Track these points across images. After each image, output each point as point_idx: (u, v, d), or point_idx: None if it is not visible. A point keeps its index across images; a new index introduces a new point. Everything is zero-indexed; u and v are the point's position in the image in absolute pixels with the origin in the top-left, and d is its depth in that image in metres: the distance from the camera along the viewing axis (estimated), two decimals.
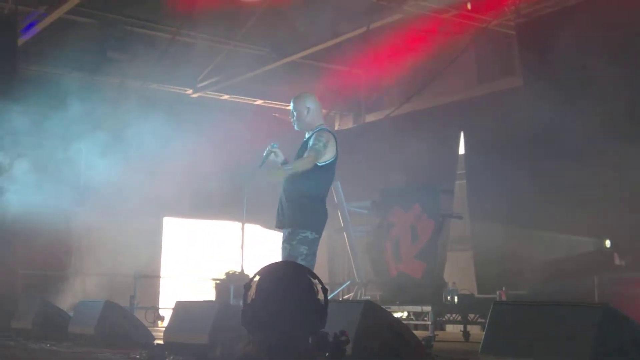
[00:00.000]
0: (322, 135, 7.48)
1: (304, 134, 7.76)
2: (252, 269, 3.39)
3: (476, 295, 13.84)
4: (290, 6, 14.38)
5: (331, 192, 17.76)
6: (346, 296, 16.37)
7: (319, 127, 7.62)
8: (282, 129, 8.47)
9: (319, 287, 3.47)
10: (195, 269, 17.88)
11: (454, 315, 13.33)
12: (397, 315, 12.88)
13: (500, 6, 14.08)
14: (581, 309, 4.80)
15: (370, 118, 19.14)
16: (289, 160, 7.70)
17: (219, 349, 6.94)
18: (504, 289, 12.51)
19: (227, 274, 13.25)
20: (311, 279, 3.48)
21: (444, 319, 13.53)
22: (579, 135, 11.73)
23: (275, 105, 18.81)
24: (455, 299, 13.07)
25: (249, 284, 3.48)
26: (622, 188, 11.58)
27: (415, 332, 7.22)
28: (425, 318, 13.01)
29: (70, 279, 14.60)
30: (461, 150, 15.58)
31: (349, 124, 19.75)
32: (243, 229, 16.86)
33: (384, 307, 7.38)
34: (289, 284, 3.43)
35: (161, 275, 17.80)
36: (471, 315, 12.93)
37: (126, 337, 8.79)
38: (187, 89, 17.78)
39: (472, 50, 15.71)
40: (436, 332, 12.35)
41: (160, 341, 8.39)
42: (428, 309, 12.72)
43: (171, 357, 7.04)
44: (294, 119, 7.74)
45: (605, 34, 11.76)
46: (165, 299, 17.27)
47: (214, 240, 18.27)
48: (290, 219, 7.45)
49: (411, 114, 16.61)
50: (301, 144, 7.73)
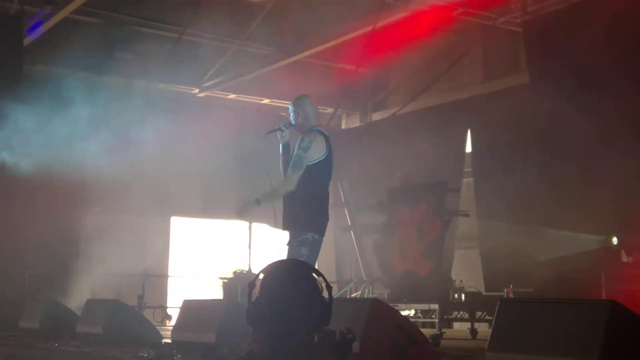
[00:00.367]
0: (307, 136, 7.52)
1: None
2: (260, 268, 3.40)
3: (483, 293, 13.85)
4: (296, 5, 14.39)
5: (338, 191, 17.84)
6: (353, 294, 16.36)
7: (308, 129, 7.65)
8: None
9: (324, 285, 3.47)
10: (202, 268, 17.89)
11: (461, 313, 13.33)
12: (405, 313, 12.89)
13: (507, 4, 14.08)
14: (588, 306, 4.79)
15: (376, 117, 19.13)
16: (291, 145, 7.73)
17: (226, 347, 6.95)
18: (511, 286, 12.50)
19: (235, 273, 13.22)
20: (316, 276, 3.48)
21: (451, 316, 13.54)
22: (585, 133, 11.73)
23: (281, 104, 18.78)
24: (463, 296, 13.08)
25: (253, 282, 3.49)
26: (630, 185, 11.56)
27: (423, 330, 7.22)
28: (433, 316, 13.03)
29: (78, 278, 14.58)
30: (468, 148, 15.58)
31: (355, 122, 19.74)
32: (250, 228, 16.82)
33: (391, 305, 7.38)
34: (294, 281, 3.43)
35: (169, 274, 17.81)
36: (478, 313, 12.93)
37: (134, 336, 8.81)
38: (194, 88, 17.78)
39: (479, 48, 15.70)
40: (443, 330, 12.36)
41: (168, 340, 8.42)
42: (435, 306, 12.74)
43: (179, 356, 7.06)
44: (294, 122, 7.79)
45: (611, 31, 11.74)
46: (173, 298, 17.28)
47: (221, 240, 18.26)
48: (290, 221, 7.48)
49: (418, 113, 16.60)
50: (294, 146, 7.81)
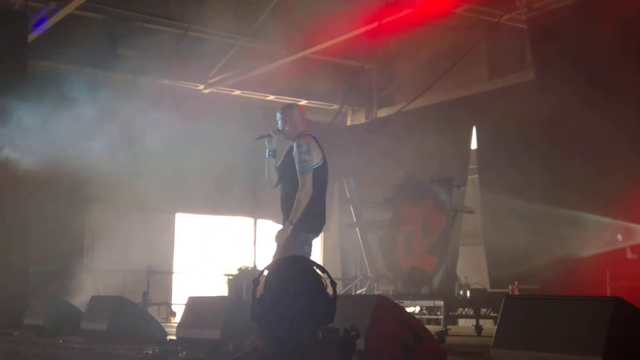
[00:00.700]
0: (303, 140, 7.76)
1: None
2: (265, 265, 3.41)
3: (488, 289, 13.85)
4: (301, 1, 14.37)
5: (343, 188, 17.85)
6: (358, 291, 16.36)
7: (300, 133, 7.87)
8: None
9: (328, 282, 3.47)
10: (207, 265, 17.89)
11: (466, 309, 13.33)
12: (410, 310, 12.89)
13: (512, 0, 14.04)
14: (593, 303, 4.78)
15: (382, 113, 19.11)
16: (278, 151, 8.01)
17: (231, 344, 6.94)
18: (516, 283, 12.50)
19: (240, 270, 13.23)
20: (320, 273, 3.48)
21: (456, 313, 13.53)
22: (591, 130, 11.71)
23: (287, 101, 18.77)
24: (468, 293, 13.08)
25: (257, 279, 3.49)
26: (635, 182, 11.54)
27: (428, 327, 7.22)
28: (438, 312, 13.02)
29: (82, 275, 14.60)
30: (473, 145, 15.56)
31: (360, 119, 19.72)
32: (255, 224, 16.88)
33: (396, 302, 7.38)
34: (298, 278, 3.43)
35: (174, 271, 17.81)
36: (483, 310, 12.93)
37: (139, 333, 8.80)
38: (199, 84, 17.77)
39: (484, 45, 15.66)
40: (448, 327, 12.36)
41: (173, 337, 8.41)
42: (440, 303, 12.74)
43: (184, 353, 7.05)
44: (283, 131, 8.01)
45: (617, 27, 11.70)
46: (178, 295, 17.28)
47: (226, 236, 18.27)
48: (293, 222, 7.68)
49: (423, 109, 16.58)
50: (285, 152, 8.03)
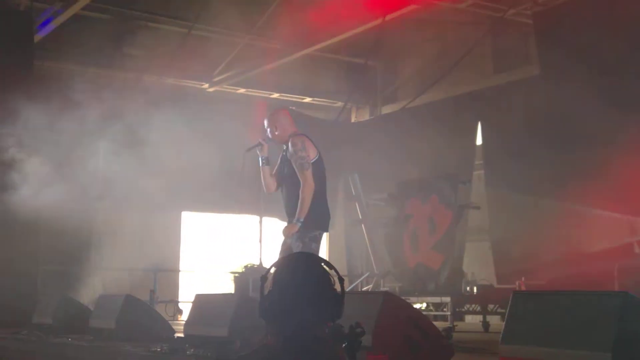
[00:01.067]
0: (296, 139, 7.94)
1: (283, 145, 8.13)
2: (271, 262, 3.43)
3: (495, 285, 13.83)
4: None
5: (348, 185, 17.85)
6: (365, 288, 16.35)
7: (290, 136, 8.03)
8: (298, 122, 8.48)
9: (336, 278, 3.48)
10: (214, 263, 17.91)
11: (473, 305, 13.32)
12: (417, 306, 12.89)
13: None
14: (601, 298, 4.77)
15: (386, 110, 19.11)
16: (270, 158, 8.21)
17: (238, 341, 6.95)
18: (523, 279, 12.48)
19: (246, 267, 13.22)
20: (327, 269, 3.49)
21: (463, 309, 13.53)
22: (597, 124, 11.69)
23: (291, 99, 18.78)
24: (474, 289, 13.07)
25: (265, 276, 3.50)
26: None
27: (435, 323, 7.22)
28: (445, 309, 13.02)
29: (90, 274, 14.62)
30: (478, 141, 15.54)
31: (365, 116, 19.72)
32: (261, 222, 16.80)
33: (403, 299, 7.38)
34: (305, 274, 3.44)
35: (180, 269, 17.84)
36: (490, 306, 12.92)
37: (147, 331, 8.81)
38: (203, 83, 17.79)
39: (489, 40, 15.65)
40: (455, 323, 12.35)
41: (181, 334, 8.41)
42: (447, 299, 12.74)
43: (191, 350, 7.05)
44: (272, 136, 8.15)
45: (623, 21, 11.69)
46: (185, 293, 17.30)
47: (232, 234, 18.27)
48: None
49: (428, 105, 16.56)
50: (280, 157, 8.18)
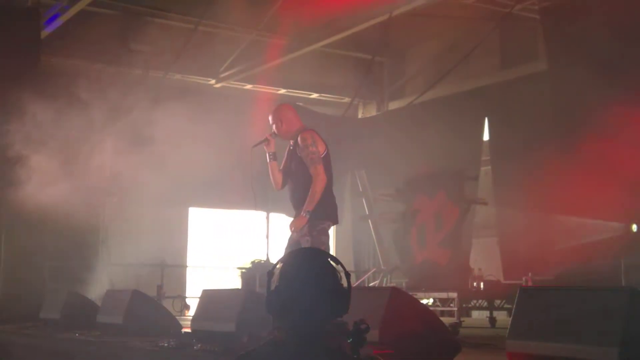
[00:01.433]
0: (305, 134, 7.90)
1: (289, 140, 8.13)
2: (278, 258, 3.44)
3: (502, 281, 13.82)
4: None
5: (355, 180, 17.86)
6: (372, 283, 16.36)
7: (298, 130, 8.00)
8: (305, 117, 8.49)
9: (342, 273, 3.49)
10: (220, 258, 17.93)
11: (479, 301, 13.32)
12: (423, 301, 12.88)
13: None
14: (609, 293, 4.77)
15: (393, 106, 19.10)
16: (277, 153, 8.20)
17: (246, 336, 6.95)
18: (530, 274, 12.47)
19: (253, 263, 13.24)
20: (334, 264, 3.50)
21: (469, 305, 13.53)
22: (605, 119, 11.66)
23: (298, 95, 18.78)
24: (481, 285, 13.07)
25: (272, 271, 3.52)
26: None
27: (441, 319, 7.22)
28: (451, 304, 13.01)
29: (97, 269, 14.64)
30: (485, 137, 15.53)
31: (372, 111, 19.72)
32: (268, 218, 16.78)
33: (410, 294, 7.39)
34: (313, 270, 3.46)
35: (187, 264, 17.86)
36: (497, 302, 12.92)
37: (154, 326, 8.81)
38: (210, 79, 17.79)
39: (496, 36, 15.63)
40: (462, 319, 12.35)
41: (188, 329, 8.42)
42: (454, 295, 12.73)
43: (199, 345, 7.06)
44: (278, 131, 8.12)
45: (630, 16, 11.67)
46: (192, 288, 17.33)
47: (239, 230, 18.29)
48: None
49: (435, 101, 16.55)
50: (287, 152, 8.18)
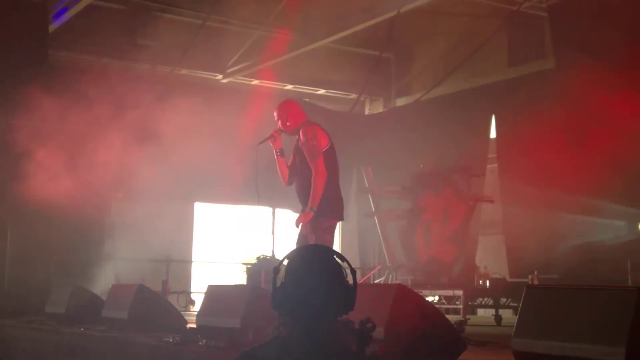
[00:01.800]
0: (307, 127, 7.99)
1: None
2: (283, 254, 3.44)
3: (508, 279, 13.81)
4: None
5: (362, 177, 17.83)
6: (377, 280, 16.35)
7: (302, 124, 8.10)
8: (312, 113, 8.50)
9: (348, 270, 3.49)
10: (226, 254, 17.93)
11: (485, 299, 13.31)
12: (429, 299, 12.87)
13: None
14: (615, 293, 4.75)
15: (400, 102, 19.09)
16: (285, 150, 8.25)
17: (251, 332, 6.95)
18: (535, 273, 12.46)
19: (258, 259, 13.25)
20: (340, 261, 3.50)
21: (475, 303, 13.52)
22: (612, 118, 11.64)
23: (305, 90, 18.77)
24: (487, 283, 13.06)
25: (277, 268, 3.52)
26: None
27: (447, 317, 7.21)
28: (457, 302, 13.01)
29: (103, 264, 14.65)
30: (492, 134, 15.51)
31: (378, 108, 19.71)
32: (274, 213, 16.79)
33: (415, 291, 7.37)
34: (318, 266, 3.46)
35: (193, 260, 17.87)
36: (503, 300, 12.90)
37: (159, 321, 8.81)
38: (217, 74, 17.79)
39: (504, 33, 15.60)
40: (468, 316, 12.33)
41: (193, 325, 8.42)
42: (460, 293, 12.73)
43: (204, 341, 7.06)
44: (284, 127, 8.23)
45: (638, 14, 11.64)
46: (197, 284, 17.34)
47: (244, 225, 18.29)
48: (315, 209, 7.77)
49: (442, 98, 16.53)
50: (293, 147, 8.22)
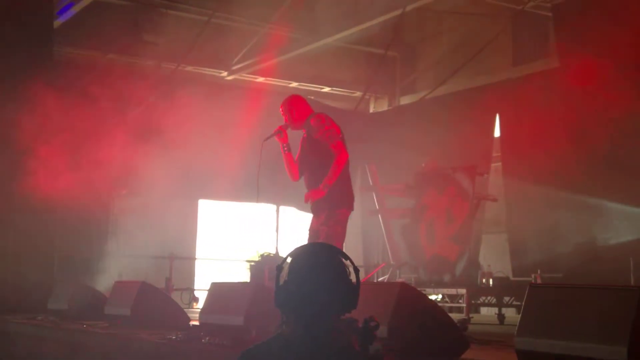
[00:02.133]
0: (319, 117, 8.02)
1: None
2: (287, 251, 3.45)
3: (511, 278, 13.81)
4: None
5: (366, 175, 17.82)
6: (380, 278, 16.35)
7: (309, 117, 8.11)
8: (317, 111, 8.50)
9: (351, 268, 3.50)
10: (230, 251, 17.93)
11: (488, 298, 13.30)
12: (432, 297, 12.87)
13: None
14: (618, 292, 4.76)
15: (404, 101, 19.08)
16: (292, 145, 8.26)
17: (254, 330, 6.95)
18: (539, 271, 12.45)
19: (262, 256, 13.26)
20: (343, 259, 3.51)
21: (478, 301, 13.51)
22: (616, 117, 11.63)
23: (310, 88, 18.76)
24: (490, 281, 13.05)
25: (281, 266, 3.52)
26: None
27: (450, 315, 7.21)
28: (460, 301, 13.00)
29: (106, 260, 14.66)
30: (496, 133, 15.50)
31: (383, 106, 19.70)
32: (278, 211, 16.89)
33: (419, 290, 7.38)
34: (321, 264, 3.46)
35: (196, 257, 17.87)
36: (506, 298, 12.90)
37: (162, 319, 8.82)
38: (222, 71, 17.79)
39: (508, 32, 15.60)
40: (471, 315, 12.33)
41: (196, 322, 8.43)
42: (463, 291, 12.71)
43: (207, 338, 7.07)
44: (289, 122, 8.25)
45: None
46: (200, 281, 17.34)
47: (248, 223, 18.30)
48: (326, 200, 7.72)
49: (446, 97, 16.52)
50: (300, 141, 8.24)
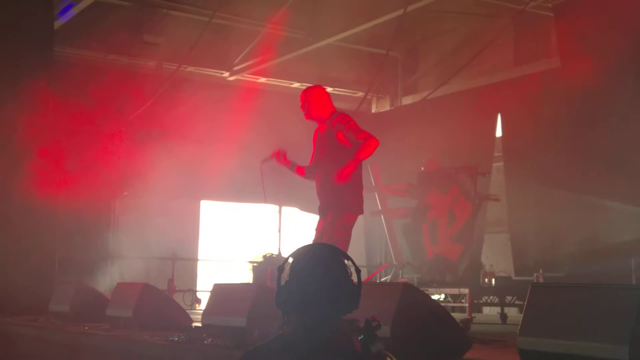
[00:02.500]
0: (344, 115, 7.88)
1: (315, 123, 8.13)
2: (289, 252, 3.48)
3: (513, 277, 13.81)
4: None
5: (368, 175, 17.81)
6: (383, 279, 16.35)
7: (335, 114, 7.96)
8: None
9: (353, 269, 3.49)
10: (232, 252, 17.93)
11: (491, 297, 13.30)
12: (435, 297, 12.87)
13: None
14: (620, 291, 4.75)
15: (406, 101, 19.07)
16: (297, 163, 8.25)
17: (256, 331, 6.95)
18: (541, 271, 12.46)
19: (265, 257, 13.26)
20: (344, 260, 3.50)
21: (481, 301, 13.51)
22: (618, 117, 11.63)
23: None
24: (493, 281, 13.05)
25: (282, 266, 3.52)
26: None
27: (453, 315, 7.21)
28: (463, 300, 13.00)
29: (108, 262, 14.68)
30: (498, 133, 15.50)
31: (385, 106, 19.69)
32: (280, 211, 16.81)
33: (421, 290, 7.38)
34: (323, 265, 3.46)
35: (198, 258, 17.87)
36: (508, 298, 12.90)
37: (164, 320, 8.82)
38: (224, 71, 17.78)
39: (510, 32, 15.59)
40: (473, 315, 12.33)
41: (198, 323, 8.43)
42: (465, 291, 12.71)
43: (209, 339, 7.06)
44: (305, 110, 8.08)
45: None
46: (203, 282, 17.34)
47: (251, 223, 18.29)
48: (334, 202, 7.71)
49: (448, 97, 16.53)
50: (317, 136, 8.13)
